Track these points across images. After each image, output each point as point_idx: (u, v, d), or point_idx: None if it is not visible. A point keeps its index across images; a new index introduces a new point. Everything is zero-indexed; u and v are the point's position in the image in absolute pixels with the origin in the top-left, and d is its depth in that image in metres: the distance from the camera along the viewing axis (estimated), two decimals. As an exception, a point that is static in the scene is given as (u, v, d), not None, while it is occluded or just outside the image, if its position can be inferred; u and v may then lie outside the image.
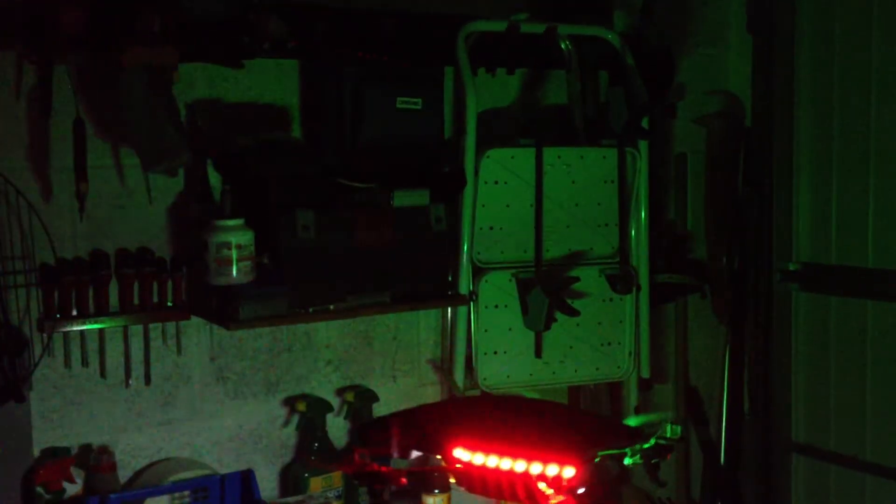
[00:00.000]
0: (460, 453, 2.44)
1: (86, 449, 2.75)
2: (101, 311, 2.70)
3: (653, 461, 2.53)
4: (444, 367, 3.30)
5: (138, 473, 2.84)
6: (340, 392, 3.16)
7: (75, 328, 2.66)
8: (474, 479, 2.44)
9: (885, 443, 3.46)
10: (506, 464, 2.39)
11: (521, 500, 2.36)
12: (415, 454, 2.60)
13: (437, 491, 2.82)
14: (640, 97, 3.32)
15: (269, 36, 2.73)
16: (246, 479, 2.74)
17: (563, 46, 3.37)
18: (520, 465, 2.38)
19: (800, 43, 3.64)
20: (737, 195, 3.75)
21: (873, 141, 3.43)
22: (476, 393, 3.24)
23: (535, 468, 2.36)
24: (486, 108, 3.33)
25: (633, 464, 2.48)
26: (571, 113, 3.44)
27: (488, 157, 3.18)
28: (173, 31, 2.49)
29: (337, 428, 3.15)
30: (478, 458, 2.42)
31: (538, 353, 3.30)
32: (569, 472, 2.33)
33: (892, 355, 3.43)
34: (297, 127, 3.02)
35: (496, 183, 3.21)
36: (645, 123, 3.37)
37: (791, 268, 3.72)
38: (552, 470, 2.34)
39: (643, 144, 3.41)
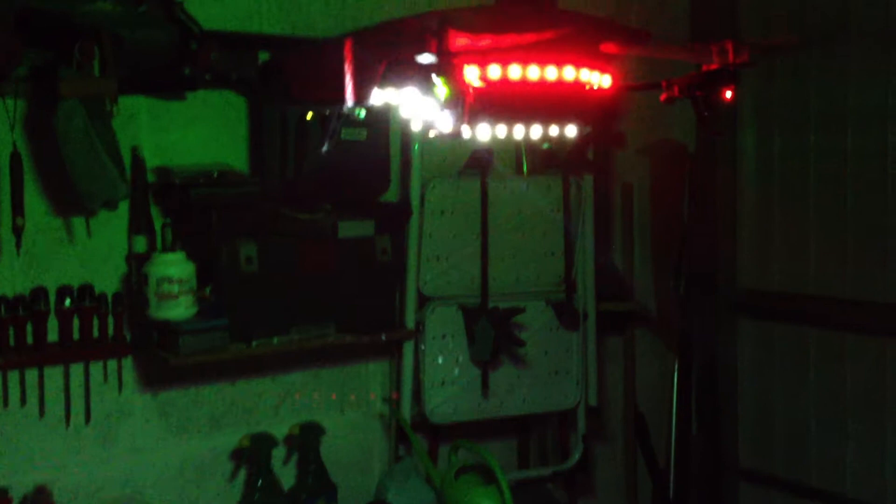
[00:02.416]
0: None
1: (24, 488, 2.68)
2: (40, 348, 2.64)
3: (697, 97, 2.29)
4: (392, 398, 3.27)
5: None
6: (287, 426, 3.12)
7: (13, 366, 2.59)
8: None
9: (830, 469, 3.49)
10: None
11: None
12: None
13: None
14: (584, 129, 3.33)
15: (211, 67, 2.70)
16: (189, 517, 2.69)
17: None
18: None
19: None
20: (682, 223, 3.77)
21: (813, 168, 3.48)
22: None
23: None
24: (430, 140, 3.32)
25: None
26: (516, 143, 3.44)
27: (434, 187, 3.18)
28: (112, 61, 2.45)
29: (281, 462, 3.10)
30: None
31: (485, 385, 3.29)
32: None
33: (833, 383, 3.46)
34: (244, 157, 2.99)
35: (442, 213, 3.21)
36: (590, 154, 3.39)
37: (735, 295, 3.75)
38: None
39: (587, 174, 3.42)
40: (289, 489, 3.06)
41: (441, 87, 2.21)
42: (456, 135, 2.26)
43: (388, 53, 2.25)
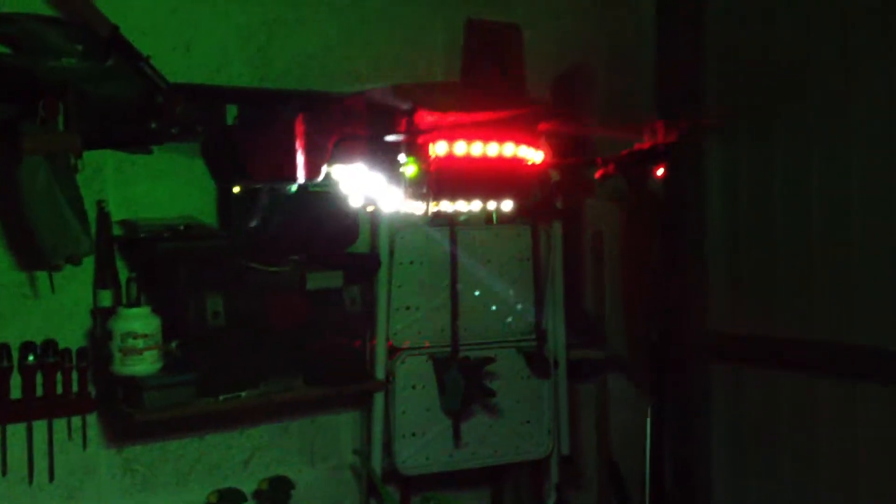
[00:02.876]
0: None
1: (-16, 550, 2.64)
2: (3, 405, 2.61)
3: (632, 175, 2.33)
4: (362, 450, 3.24)
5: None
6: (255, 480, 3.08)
7: (-26, 424, 2.56)
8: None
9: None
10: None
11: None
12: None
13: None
14: (552, 177, 3.35)
15: (177, 120, 2.69)
16: (154, 577, 2.64)
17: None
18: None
19: (708, 117, 3.73)
20: (651, 270, 3.79)
21: (780, 212, 3.51)
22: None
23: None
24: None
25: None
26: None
27: (403, 237, 3.17)
28: (77, 117, 2.44)
29: (252, 517, 3.07)
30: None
31: (456, 435, 3.27)
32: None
33: (805, 427, 3.46)
34: (213, 210, 2.98)
35: (411, 263, 3.20)
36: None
37: (706, 339, 3.76)
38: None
39: (556, 223, 3.43)
40: (258, 545, 3.02)
41: (410, 166, 2.23)
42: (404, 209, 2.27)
43: (339, 130, 2.26)
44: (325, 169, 2.29)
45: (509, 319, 3.38)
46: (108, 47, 2.48)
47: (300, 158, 2.26)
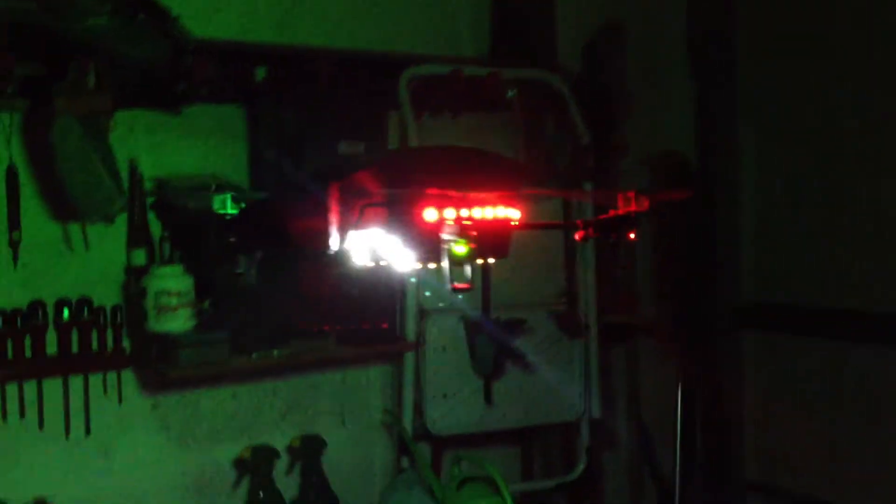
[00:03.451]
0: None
1: (23, 501, 2.70)
2: (39, 361, 2.66)
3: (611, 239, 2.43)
4: (393, 410, 3.28)
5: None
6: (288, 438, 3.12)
7: (11, 379, 2.62)
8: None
9: (838, 481, 3.46)
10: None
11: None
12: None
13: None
14: (584, 140, 3.35)
15: (206, 81, 2.73)
16: (187, 529, 2.69)
17: (507, 90, 3.39)
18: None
19: (741, 85, 3.70)
20: (684, 235, 3.77)
21: (815, 181, 3.47)
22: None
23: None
24: (431, 152, 3.34)
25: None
26: (516, 155, 3.46)
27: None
28: (107, 77, 2.49)
29: (283, 475, 3.11)
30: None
31: (488, 398, 3.28)
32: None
33: (838, 393, 3.43)
34: (244, 170, 3.01)
35: (442, 225, 3.21)
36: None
37: (738, 307, 3.74)
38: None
39: (588, 186, 3.42)
40: (291, 501, 3.05)
41: (460, 245, 2.29)
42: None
43: (364, 199, 2.31)
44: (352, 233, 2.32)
45: (541, 282, 3.38)
46: (137, 7, 2.51)
47: (333, 226, 2.31)
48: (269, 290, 2.82)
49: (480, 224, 2.28)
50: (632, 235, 2.43)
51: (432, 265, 2.29)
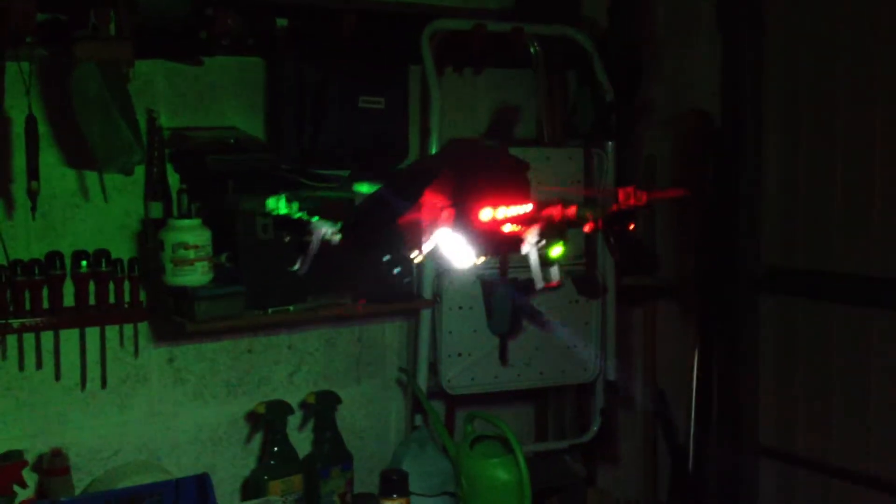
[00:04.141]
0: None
1: (40, 451, 2.71)
2: (57, 312, 2.65)
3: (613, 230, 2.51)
4: (408, 368, 3.27)
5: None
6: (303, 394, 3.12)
7: (28, 329, 2.61)
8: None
9: (852, 446, 3.45)
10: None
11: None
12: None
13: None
14: (608, 97, 3.30)
15: (227, 32, 2.70)
16: (201, 483, 2.69)
17: (530, 46, 3.34)
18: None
19: (769, 44, 3.63)
20: (704, 198, 3.72)
21: (840, 144, 3.42)
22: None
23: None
24: (452, 108, 3.30)
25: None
26: (539, 113, 3.42)
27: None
28: (128, 25, 2.45)
29: (296, 430, 3.11)
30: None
31: (503, 357, 3.27)
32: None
33: (857, 359, 3.41)
34: (261, 125, 2.98)
35: (461, 183, 3.17)
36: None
37: (758, 271, 3.70)
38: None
39: (610, 145, 3.38)
40: (304, 457, 3.06)
41: (557, 247, 2.41)
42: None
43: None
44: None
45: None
46: (159, -45, 2.47)
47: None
48: (287, 245, 2.79)
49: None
50: (631, 227, 2.51)
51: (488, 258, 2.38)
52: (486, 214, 2.25)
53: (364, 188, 2.51)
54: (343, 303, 2.93)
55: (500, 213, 2.28)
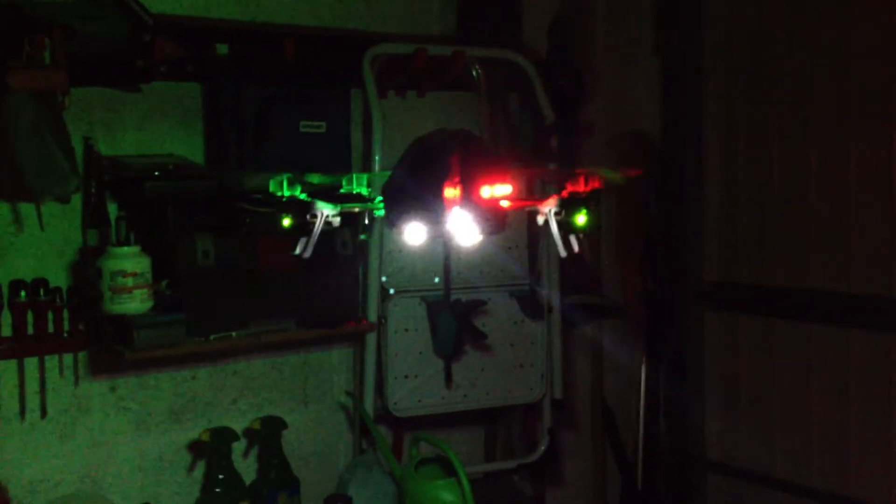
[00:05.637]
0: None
1: (-22, 484, 2.67)
2: (-6, 343, 2.63)
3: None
4: (354, 392, 3.26)
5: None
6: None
7: (-35, 360, 2.58)
8: None
9: (795, 460, 3.49)
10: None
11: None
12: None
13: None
14: (548, 119, 3.34)
15: (165, 59, 2.69)
16: (143, 512, 2.67)
17: (472, 69, 3.37)
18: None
19: (707, 65, 3.69)
20: (648, 216, 3.76)
21: (777, 163, 3.48)
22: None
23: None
24: (395, 131, 3.31)
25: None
26: (482, 135, 3.44)
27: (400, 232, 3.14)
28: (64, 54, 2.43)
29: (241, 457, 3.09)
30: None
31: (448, 379, 3.28)
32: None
33: (799, 373, 3.46)
34: (200, 150, 2.97)
35: (404, 205, 3.18)
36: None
37: (702, 287, 3.75)
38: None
39: (552, 167, 3.41)
40: (250, 483, 3.04)
41: (581, 216, 2.49)
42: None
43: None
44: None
45: (503, 263, 3.37)
46: (95, -17, 2.46)
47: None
48: (229, 270, 2.79)
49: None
50: (581, 218, 2.52)
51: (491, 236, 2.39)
52: (485, 192, 2.30)
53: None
54: (287, 328, 2.92)
55: (498, 191, 2.33)
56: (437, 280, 3.24)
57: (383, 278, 3.17)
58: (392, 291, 3.20)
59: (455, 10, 3.49)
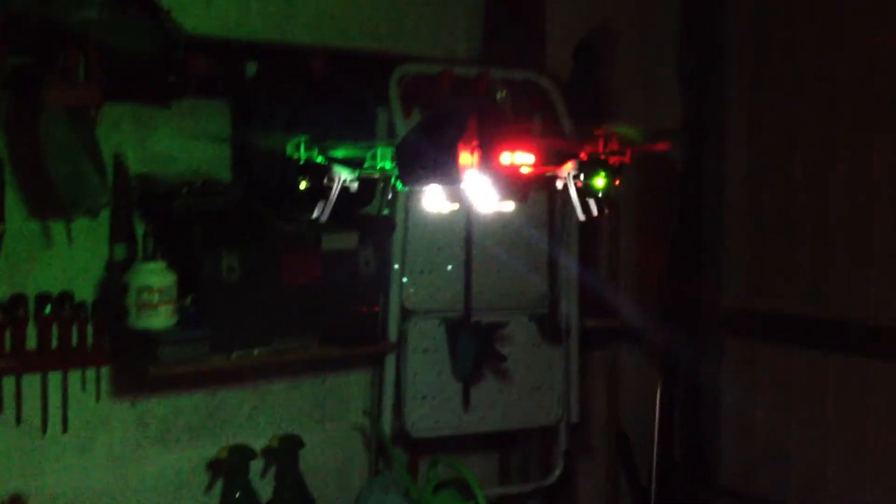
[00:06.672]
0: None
1: (-2, 497, 2.66)
2: (19, 355, 2.62)
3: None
4: (372, 412, 3.26)
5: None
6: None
7: (-11, 372, 2.58)
8: None
9: (811, 489, 3.49)
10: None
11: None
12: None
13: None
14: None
15: (197, 75, 2.69)
16: (163, 529, 2.66)
17: (496, 91, 3.37)
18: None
19: (730, 87, 3.70)
20: (668, 241, 3.77)
21: (802, 190, 3.48)
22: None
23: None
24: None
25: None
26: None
27: (419, 199, 3.15)
28: (97, 69, 2.44)
29: (259, 475, 3.08)
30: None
31: (466, 400, 3.27)
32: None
33: (817, 401, 3.46)
34: (228, 167, 2.98)
35: (426, 226, 3.19)
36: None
37: (720, 314, 3.75)
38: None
39: (572, 189, 3.40)
40: (266, 502, 3.03)
41: (599, 178, 2.36)
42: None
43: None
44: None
45: (522, 286, 3.37)
46: (129, 0, 2.47)
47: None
48: (253, 287, 2.78)
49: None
50: (599, 182, 2.45)
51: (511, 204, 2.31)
52: (506, 158, 2.22)
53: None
54: (309, 346, 2.92)
55: (519, 158, 2.24)
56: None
57: (406, 298, 3.17)
58: (412, 311, 3.20)
59: (480, 31, 3.49)
